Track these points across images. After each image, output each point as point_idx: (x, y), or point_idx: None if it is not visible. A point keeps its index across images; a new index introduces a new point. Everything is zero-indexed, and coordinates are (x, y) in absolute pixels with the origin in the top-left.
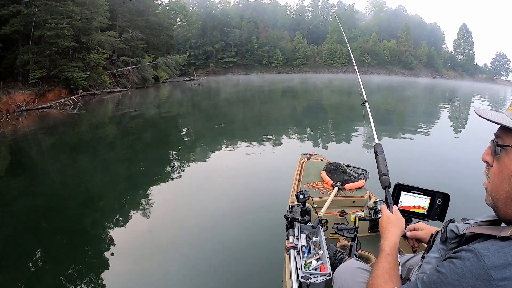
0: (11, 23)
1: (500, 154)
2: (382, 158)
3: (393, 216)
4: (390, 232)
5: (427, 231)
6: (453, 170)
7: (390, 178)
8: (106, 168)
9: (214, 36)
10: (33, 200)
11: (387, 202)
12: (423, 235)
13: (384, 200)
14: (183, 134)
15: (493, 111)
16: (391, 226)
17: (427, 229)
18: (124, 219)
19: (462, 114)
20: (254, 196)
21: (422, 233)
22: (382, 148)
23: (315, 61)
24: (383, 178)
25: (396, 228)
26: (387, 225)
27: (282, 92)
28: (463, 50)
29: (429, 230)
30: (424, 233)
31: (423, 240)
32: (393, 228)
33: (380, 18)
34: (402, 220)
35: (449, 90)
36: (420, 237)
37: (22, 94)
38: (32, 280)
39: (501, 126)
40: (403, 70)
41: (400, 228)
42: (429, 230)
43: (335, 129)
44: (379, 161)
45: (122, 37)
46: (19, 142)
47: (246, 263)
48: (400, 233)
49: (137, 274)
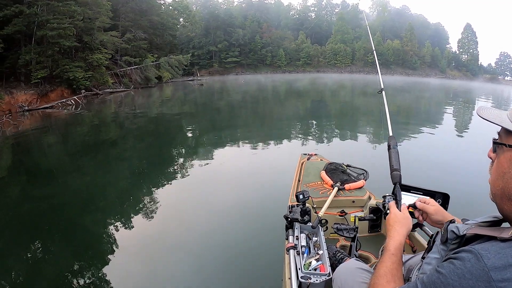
0: (14, 23)
1: (497, 152)
2: (395, 152)
3: (401, 214)
4: (397, 231)
5: (436, 208)
6: (453, 170)
7: (401, 174)
8: (109, 167)
9: (218, 36)
10: (35, 199)
11: (396, 200)
12: (431, 210)
13: (393, 196)
14: (184, 134)
15: (496, 109)
16: (398, 226)
17: (436, 206)
18: (126, 218)
19: (466, 115)
20: (253, 196)
21: (431, 208)
22: (395, 142)
23: (318, 61)
24: (394, 174)
25: (403, 228)
26: (394, 223)
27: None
28: (467, 50)
29: (438, 208)
30: (433, 209)
31: (430, 215)
32: (400, 227)
33: (384, 18)
34: (409, 219)
35: (465, 91)
36: (428, 211)
37: (25, 94)
38: (35, 279)
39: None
40: (407, 70)
41: (407, 228)
42: (438, 209)
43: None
44: (391, 155)
45: (124, 37)
46: (21, 142)
47: (246, 263)
48: (406, 233)
49: (137, 273)
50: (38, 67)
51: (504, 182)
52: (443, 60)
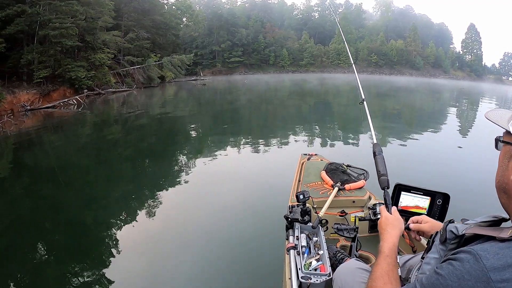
0: (16, 23)
1: (498, 148)
2: (381, 158)
3: (392, 217)
4: (389, 234)
5: (430, 224)
6: (453, 170)
7: (389, 179)
8: (111, 167)
9: (221, 36)
10: (37, 199)
11: (386, 203)
12: (426, 228)
13: (382, 201)
14: (184, 134)
15: (502, 109)
16: (390, 228)
17: (430, 222)
18: (127, 217)
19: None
20: (254, 197)
21: (425, 226)
22: (380, 148)
23: (322, 61)
24: (382, 179)
25: (395, 229)
26: (385, 226)
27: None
28: (471, 50)
29: (433, 224)
30: (427, 226)
31: (426, 233)
32: (392, 229)
33: (388, 18)
34: (400, 221)
35: (479, 93)
36: (423, 230)
37: (27, 94)
38: (38, 279)
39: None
40: (410, 70)
41: (399, 229)
42: (433, 224)
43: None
44: (377, 161)
45: (127, 37)
46: (23, 141)
47: (246, 263)
48: (399, 234)
49: (137, 273)
50: (41, 67)
51: (499, 176)
52: (446, 61)
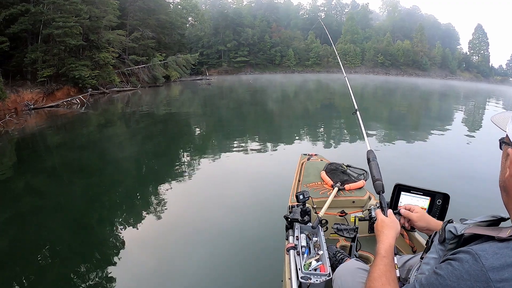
0: (20, 22)
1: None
2: (375, 164)
3: (388, 219)
4: (385, 235)
5: (420, 215)
6: (453, 170)
7: (383, 183)
8: (116, 166)
9: (227, 35)
10: (41, 198)
11: (381, 207)
12: (414, 217)
13: (378, 205)
14: (184, 134)
15: (508, 112)
16: (386, 229)
17: (421, 214)
18: (129, 217)
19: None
20: (253, 197)
21: (415, 215)
22: (374, 154)
23: (328, 61)
24: (377, 183)
25: (391, 231)
26: (382, 228)
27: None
28: (478, 51)
29: (423, 216)
30: (416, 216)
31: (414, 222)
32: (388, 231)
33: (394, 18)
34: (396, 222)
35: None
36: (412, 218)
37: (31, 93)
38: (44, 278)
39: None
40: (417, 71)
41: (395, 230)
42: (422, 216)
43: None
44: (372, 167)
45: (132, 36)
46: (26, 140)
47: (246, 263)
48: (395, 235)
49: (137, 272)
50: (44, 66)
51: (501, 175)
52: (453, 61)
